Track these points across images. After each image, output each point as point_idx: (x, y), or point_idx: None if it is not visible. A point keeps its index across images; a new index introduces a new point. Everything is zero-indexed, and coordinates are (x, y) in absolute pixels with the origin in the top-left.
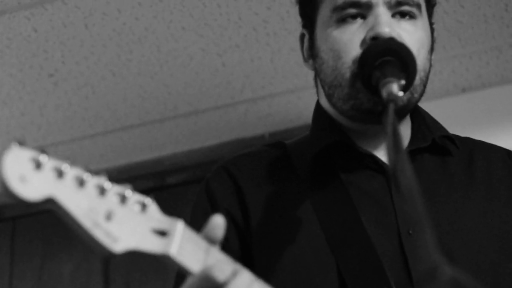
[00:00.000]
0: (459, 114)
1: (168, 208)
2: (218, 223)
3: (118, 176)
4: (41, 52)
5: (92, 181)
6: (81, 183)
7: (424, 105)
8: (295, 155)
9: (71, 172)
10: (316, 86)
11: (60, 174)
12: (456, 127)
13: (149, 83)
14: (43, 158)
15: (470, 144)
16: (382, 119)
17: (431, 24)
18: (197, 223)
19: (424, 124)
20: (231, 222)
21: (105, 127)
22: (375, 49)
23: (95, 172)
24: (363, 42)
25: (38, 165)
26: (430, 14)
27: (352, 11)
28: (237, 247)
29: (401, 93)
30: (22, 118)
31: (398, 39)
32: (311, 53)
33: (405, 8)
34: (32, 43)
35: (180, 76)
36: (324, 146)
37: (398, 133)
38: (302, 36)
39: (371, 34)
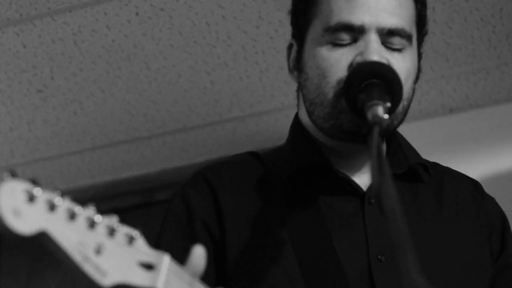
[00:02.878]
0: (447, 135)
1: (156, 224)
2: (199, 253)
3: (106, 192)
4: (30, 68)
5: (83, 214)
6: (72, 216)
7: (411, 125)
8: (273, 171)
9: (63, 205)
10: (298, 98)
11: (52, 207)
12: (443, 147)
13: (137, 100)
14: (36, 191)
15: (439, 172)
16: (366, 141)
17: (419, 53)
18: (170, 230)
19: (399, 150)
20: (206, 231)
21: (93, 143)
22: (361, 71)
23: (85, 204)
24: (350, 65)
25: (31, 198)
26: (420, 43)
27: (344, 36)
28: (212, 256)
29: (386, 116)
30: (10, 133)
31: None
32: (298, 66)
33: (396, 39)
34: (21, 58)
35: (168, 93)
36: (301, 166)
37: (382, 156)
38: (290, 46)
39: (359, 59)
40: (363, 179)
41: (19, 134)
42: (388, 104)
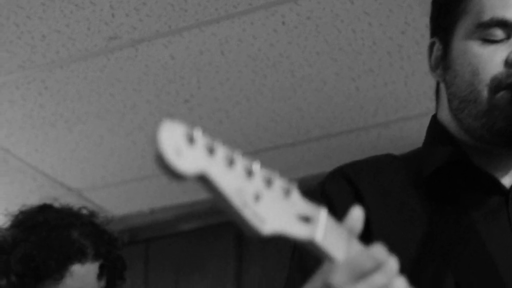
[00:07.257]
0: None
1: None
2: (358, 215)
3: None
4: (177, 79)
5: (241, 162)
6: (230, 162)
7: None
8: (413, 169)
9: (222, 150)
10: (437, 98)
11: (211, 151)
12: None
13: (282, 108)
14: (196, 133)
15: None
16: None
17: None
18: None
19: None
20: None
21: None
22: None
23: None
24: (505, 62)
25: (191, 140)
26: None
27: (498, 32)
28: None
29: None
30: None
31: None
32: (443, 63)
33: None
34: (169, 69)
35: (313, 100)
36: (442, 164)
37: None
38: (432, 44)
39: None
40: (506, 179)
41: None
42: None
